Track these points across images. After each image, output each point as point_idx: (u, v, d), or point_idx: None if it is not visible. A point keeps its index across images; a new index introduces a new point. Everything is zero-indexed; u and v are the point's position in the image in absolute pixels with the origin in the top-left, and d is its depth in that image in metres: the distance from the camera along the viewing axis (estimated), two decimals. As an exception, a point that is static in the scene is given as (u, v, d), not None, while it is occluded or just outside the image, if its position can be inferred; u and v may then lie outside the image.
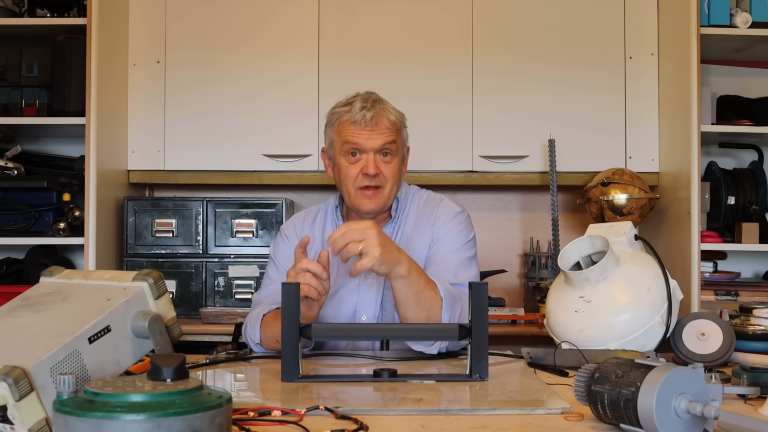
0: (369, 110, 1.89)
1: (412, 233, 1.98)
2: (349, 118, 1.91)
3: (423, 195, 2.06)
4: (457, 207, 2.03)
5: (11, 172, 3.01)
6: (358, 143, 1.90)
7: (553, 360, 1.64)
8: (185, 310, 3.03)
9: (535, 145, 3.17)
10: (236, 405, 1.13)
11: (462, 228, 1.98)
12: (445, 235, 1.96)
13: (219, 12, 3.19)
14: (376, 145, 1.90)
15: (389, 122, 1.91)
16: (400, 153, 1.96)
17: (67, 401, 0.91)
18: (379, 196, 1.92)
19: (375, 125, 1.89)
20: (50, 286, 1.33)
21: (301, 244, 1.73)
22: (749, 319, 1.74)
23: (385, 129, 1.90)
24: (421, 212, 2.01)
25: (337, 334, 1.72)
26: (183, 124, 3.17)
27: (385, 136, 1.90)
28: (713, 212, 3.06)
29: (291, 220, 2.09)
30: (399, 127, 1.95)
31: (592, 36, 3.18)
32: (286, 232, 2.05)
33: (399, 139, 1.95)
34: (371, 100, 1.93)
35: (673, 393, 1.04)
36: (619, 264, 1.74)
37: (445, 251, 1.93)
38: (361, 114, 1.89)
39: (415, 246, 1.96)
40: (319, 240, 2.01)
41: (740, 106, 3.16)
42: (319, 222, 2.05)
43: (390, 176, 1.92)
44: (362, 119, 1.89)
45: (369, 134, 1.89)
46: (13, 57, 3.04)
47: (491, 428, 1.16)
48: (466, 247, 1.96)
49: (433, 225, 1.98)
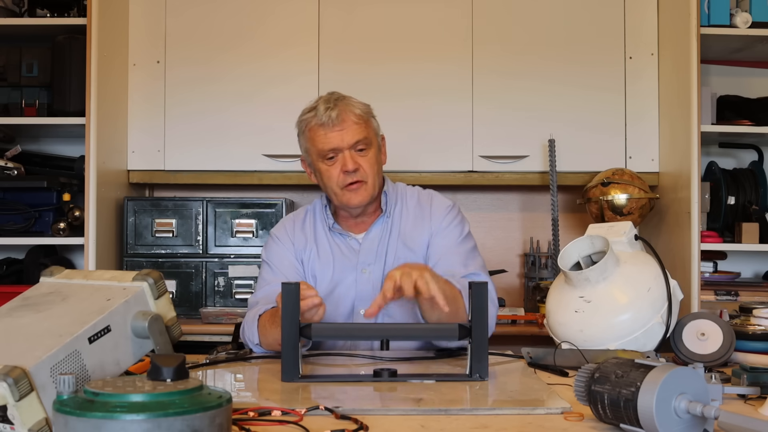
0: (333, 109, 1.92)
1: (411, 229, 2.01)
2: (316, 122, 1.93)
3: (413, 192, 2.09)
4: (449, 201, 2.08)
5: (11, 172, 3.01)
6: (332, 146, 1.93)
7: (553, 360, 1.64)
8: (185, 310, 3.03)
9: (535, 145, 3.17)
10: (236, 405, 1.13)
11: (459, 221, 2.03)
12: (444, 229, 2.00)
13: (219, 12, 3.19)
14: (348, 142, 1.92)
15: (356, 116, 1.94)
16: (374, 144, 1.98)
17: (67, 401, 0.91)
18: (364, 188, 1.95)
19: (342, 122, 1.92)
20: (50, 286, 1.33)
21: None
22: (749, 319, 1.74)
23: (353, 124, 1.93)
24: (415, 208, 2.04)
25: (337, 334, 1.72)
26: (183, 124, 3.17)
27: (354, 131, 1.93)
28: (713, 212, 3.06)
29: (281, 223, 2.12)
30: (367, 119, 1.97)
31: (592, 36, 3.18)
32: (277, 234, 2.07)
33: (370, 131, 1.97)
34: (333, 99, 1.96)
35: (673, 393, 1.04)
36: (619, 264, 1.74)
37: (447, 243, 1.98)
38: (326, 115, 1.92)
39: (414, 242, 1.99)
40: (311, 241, 2.03)
41: (740, 106, 3.16)
42: (309, 223, 2.07)
43: (369, 168, 1.95)
44: (328, 120, 1.91)
45: (339, 133, 1.92)
46: (13, 57, 3.04)
47: (491, 428, 1.16)
48: (467, 239, 2.02)
49: (430, 220, 2.01)
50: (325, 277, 1.99)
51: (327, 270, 1.99)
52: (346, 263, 1.99)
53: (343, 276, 1.98)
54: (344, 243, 2.02)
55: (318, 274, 2.00)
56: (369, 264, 1.98)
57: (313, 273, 2.00)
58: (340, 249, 2.01)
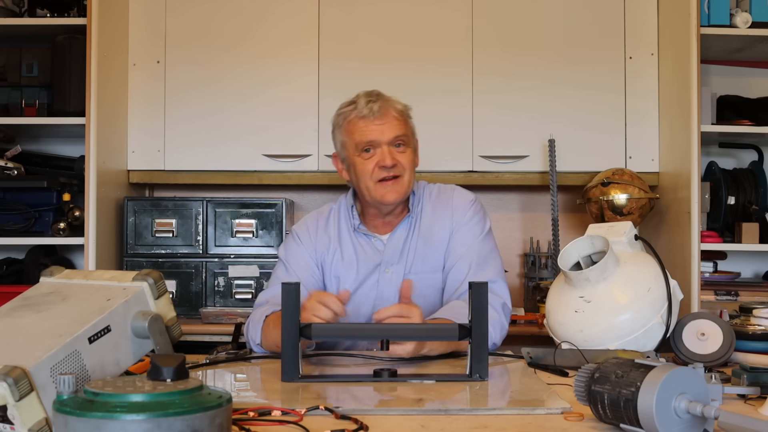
0: (375, 102, 1.91)
1: (431, 226, 1.99)
2: (356, 115, 1.91)
3: (434, 187, 2.07)
4: (471, 194, 2.05)
5: (11, 172, 3.01)
6: (371, 138, 1.90)
7: (553, 360, 1.64)
8: (185, 310, 3.03)
9: (535, 145, 3.17)
10: (236, 405, 1.13)
11: (480, 216, 2.01)
12: (465, 224, 1.98)
13: (219, 12, 3.19)
14: (388, 137, 1.91)
15: (396, 112, 1.93)
16: (411, 143, 1.97)
17: (67, 401, 0.91)
18: (400, 184, 1.92)
19: (383, 116, 1.90)
20: (50, 286, 1.33)
21: (341, 298, 1.67)
22: (749, 319, 1.74)
23: (394, 119, 1.92)
24: (436, 204, 2.02)
25: (337, 334, 1.72)
26: (183, 124, 3.17)
27: (395, 127, 1.91)
28: (713, 212, 3.06)
29: (303, 221, 2.07)
30: (406, 117, 1.97)
31: (592, 36, 3.18)
32: (298, 233, 2.03)
33: (408, 129, 1.97)
34: (374, 94, 1.95)
35: (673, 393, 1.04)
36: (619, 264, 1.74)
37: (467, 243, 1.96)
38: (368, 108, 1.90)
39: (434, 239, 1.97)
40: (335, 241, 2.00)
41: (740, 106, 3.16)
42: (333, 222, 2.03)
43: (407, 164, 1.94)
44: (370, 112, 1.90)
45: (380, 127, 1.90)
46: (13, 57, 3.04)
47: (491, 428, 1.16)
48: (486, 238, 1.99)
49: (452, 216, 1.99)
50: (348, 279, 1.97)
51: (351, 271, 1.97)
52: (370, 264, 1.97)
53: (366, 277, 1.96)
54: (368, 243, 2.00)
55: (342, 276, 1.98)
56: (392, 264, 1.97)
57: (337, 274, 1.98)
58: (363, 250, 1.99)
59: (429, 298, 1.95)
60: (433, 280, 1.97)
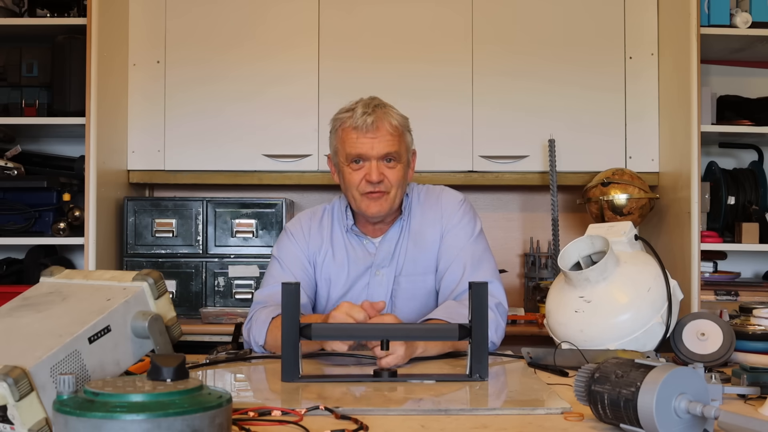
0: (370, 115, 1.89)
1: (421, 228, 1.98)
2: (350, 124, 1.90)
3: (422, 188, 2.07)
4: (459, 195, 2.04)
5: (11, 172, 3.01)
6: (361, 151, 1.89)
7: (553, 360, 1.64)
8: (185, 310, 3.03)
9: (535, 145, 3.17)
10: (236, 405, 1.13)
11: (470, 217, 2.00)
12: (455, 226, 1.97)
13: (219, 12, 3.19)
14: (378, 153, 1.89)
15: (391, 127, 1.90)
16: (404, 158, 1.95)
17: (67, 401, 0.91)
18: (385, 199, 1.92)
19: (376, 130, 1.88)
20: (50, 286, 1.33)
21: (377, 307, 1.65)
22: (749, 319, 1.74)
23: (387, 134, 1.90)
24: (424, 206, 2.01)
25: (337, 334, 1.72)
26: (183, 124, 3.17)
27: (387, 142, 1.89)
28: (713, 212, 3.06)
29: (297, 219, 2.07)
30: (402, 132, 1.94)
31: (592, 36, 3.18)
32: (292, 230, 2.03)
33: (402, 145, 1.94)
34: (373, 105, 1.92)
35: (673, 393, 1.04)
36: (619, 264, 1.74)
37: (459, 245, 1.95)
38: (362, 119, 1.88)
39: (424, 241, 1.97)
40: (327, 242, 2.00)
41: (740, 106, 3.16)
42: (327, 223, 2.04)
43: (395, 181, 1.92)
44: (363, 124, 1.88)
45: (371, 141, 1.88)
46: (13, 57, 3.04)
47: (491, 428, 1.16)
48: (478, 238, 1.98)
49: (441, 217, 1.98)
50: (339, 280, 1.97)
51: (342, 272, 1.98)
52: (361, 266, 1.97)
53: (357, 279, 1.97)
54: (360, 246, 2.00)
55: (333, 277, 1.98)
56: (383, 267, 1.97)
57: (328, 276, 1.98)
58: (355, 252, 1.99)
59: (420, 299, 1.95)
60: (423, 282, 1.97)
